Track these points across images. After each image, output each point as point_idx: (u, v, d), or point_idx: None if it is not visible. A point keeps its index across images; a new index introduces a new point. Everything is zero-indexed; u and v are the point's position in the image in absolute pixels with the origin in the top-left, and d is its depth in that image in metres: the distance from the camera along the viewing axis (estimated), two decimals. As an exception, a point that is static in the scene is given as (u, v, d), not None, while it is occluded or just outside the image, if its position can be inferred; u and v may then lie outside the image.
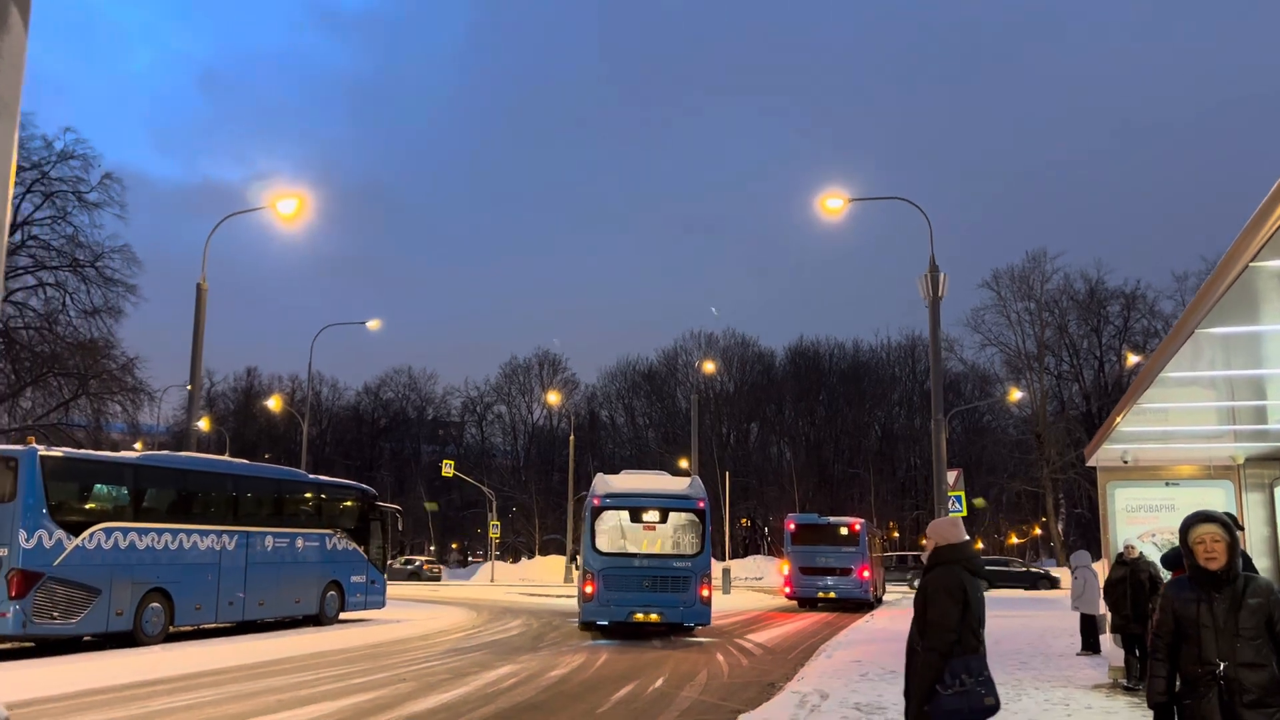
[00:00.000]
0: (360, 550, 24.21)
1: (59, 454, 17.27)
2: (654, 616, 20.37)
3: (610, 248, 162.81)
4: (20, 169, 30.15)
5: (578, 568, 26.24)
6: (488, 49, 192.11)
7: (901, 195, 25.32)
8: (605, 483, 21.67)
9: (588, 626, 21.27)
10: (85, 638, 17.49)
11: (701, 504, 21.10)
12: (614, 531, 21.06)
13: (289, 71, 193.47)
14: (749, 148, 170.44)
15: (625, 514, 21.07)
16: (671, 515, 21.20)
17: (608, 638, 20.41)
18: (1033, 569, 50.95)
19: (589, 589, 20.38)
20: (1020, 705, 10.93)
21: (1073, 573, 16.84)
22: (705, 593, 20.53)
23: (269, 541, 21.20)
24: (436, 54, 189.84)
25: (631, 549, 20.88)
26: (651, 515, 21.13)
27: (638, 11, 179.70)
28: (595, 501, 21.01)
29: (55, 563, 16.23)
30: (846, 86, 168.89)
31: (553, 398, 77.55)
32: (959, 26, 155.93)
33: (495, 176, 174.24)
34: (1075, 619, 17.21)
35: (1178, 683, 4.55)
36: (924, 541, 5.57)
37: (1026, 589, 45.30)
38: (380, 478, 76.60)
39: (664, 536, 21.26)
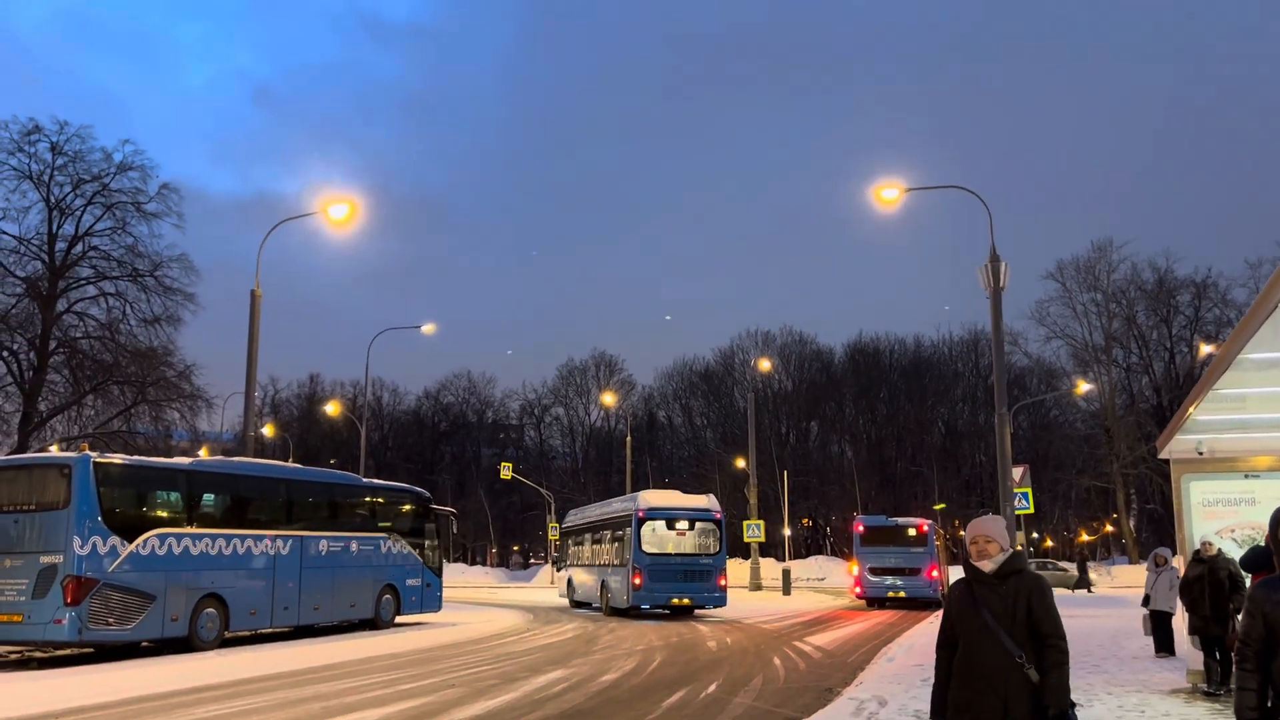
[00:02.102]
0: (415, 553, 24.12)
1: (112, 460, 17.32)
2: (686, 600, 26.44)
3: (664, 247, 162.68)
4: (81, 181, 30.59)
5: (557, 569, 36.06)
6: (534, 55, 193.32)
7: (960, 184, 24.65)
8: (645, 500, 27.18)
9: (622, 612, 26.72)
10: (143, 643, 17.58)
11: (719, 515, 27.29)
12: (655, 537, 26.32)
13: (340, 84, 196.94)
14: (802, 142, 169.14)
15: (662, 523, 26.50)
16: (697, 524, 26.93)
17: (655, 622, 25.02)
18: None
19: (637, 580, 25.69)
20: (1093, 712, 10.35)
21: (1156, 569, 15.96)
22: (723, 582, 26.90)
23: (323, 546, 21.16)
24: (484, 62, 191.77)
25: (669, 550, 26.38)
26: (683, 524, 26.78)
27: (682, 11, 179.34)
28: (640, 514, 26.29)
29: (110, 569, 16.27)
30: (901, 74, 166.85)
31: (609, 399, 77.39)
32: (1014, 9, 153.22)
33: (546, 180, 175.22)
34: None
35: (1270, 696, 4.05)
36: (987, 544, 4.72)
37: None
38: (441, 481, 77.08)
39: (692, 540, 26.86)
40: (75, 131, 30.24)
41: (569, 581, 32.75)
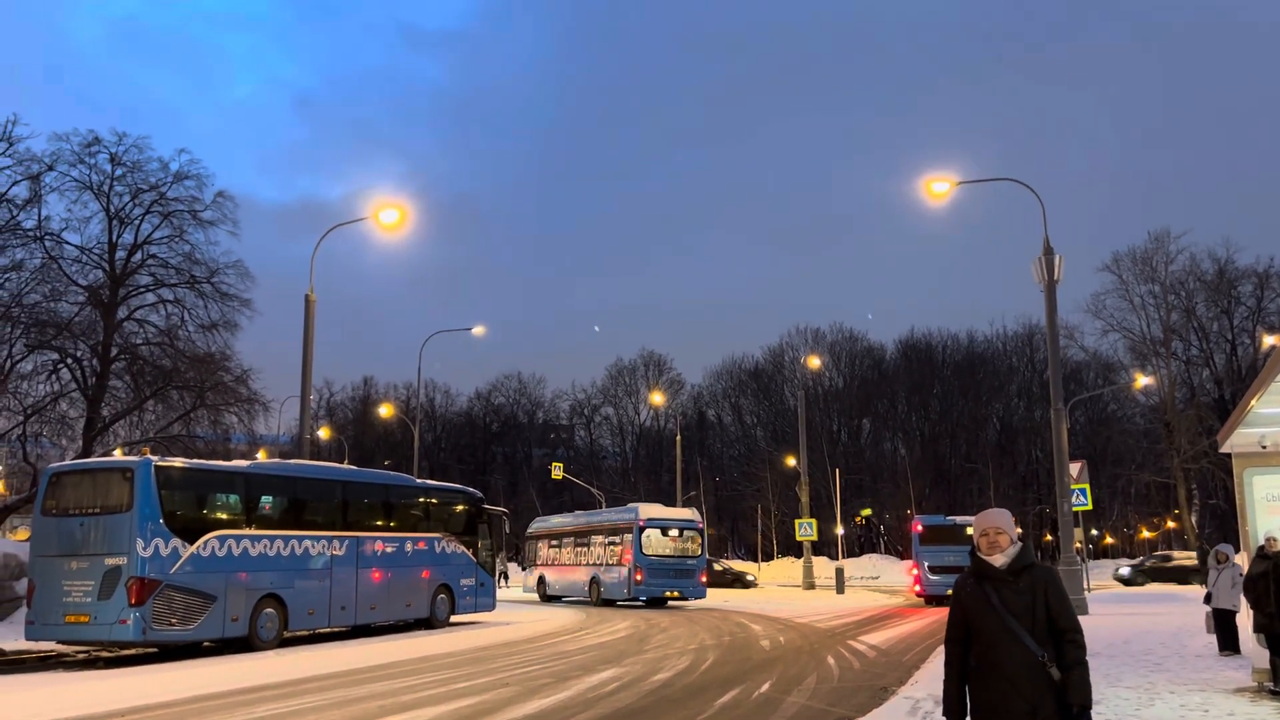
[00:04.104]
0: (469, 553, 24.33)
1: (173, 464, 17.70)
2: (675, 593, 32.50)
3: (711, 246, 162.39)
4: (139, 191, 31.18)
5: (522, 568, 41.42)
6: (573, 57, 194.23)
7: (1012, 176, 24.32)
8: (645, 512, 33.21)
9: (610, 602, 32.86)
10: (204, 643, 17.93)
11: (700, 525, 34.30)
12: (652, 542, 32.31)
13: (380, 91, 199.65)
14: (850, 137, 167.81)
15: (658, 531, 32.65)
16: (685, 532, 33.29)
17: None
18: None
19: (639, 577, 31.68)
20: (1154, 711, 10.17)
21: (1217, 566, 15.61)
22: (703, 579, 33.67)
23: (379, 546, 21.44)
24: (524, 65, 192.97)
25: (663, 553, 32.45)
26: (674, 532, 33.04)
27: (722, 10, 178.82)
28: (641, 523, 32.34)
29: (172, 570, 16.63)
30: (945, 66, 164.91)
31: (657, 398, 77.42)
32: None
33: (590, 181, 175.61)
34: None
35: None
36: (998, 535, 4.61)
37: None
38: (493, 482, 77.63)
39: (681, 545, 33.06)
40: (133, 142, 30.81)
41: (540, 579, 37.60)
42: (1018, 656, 4.41)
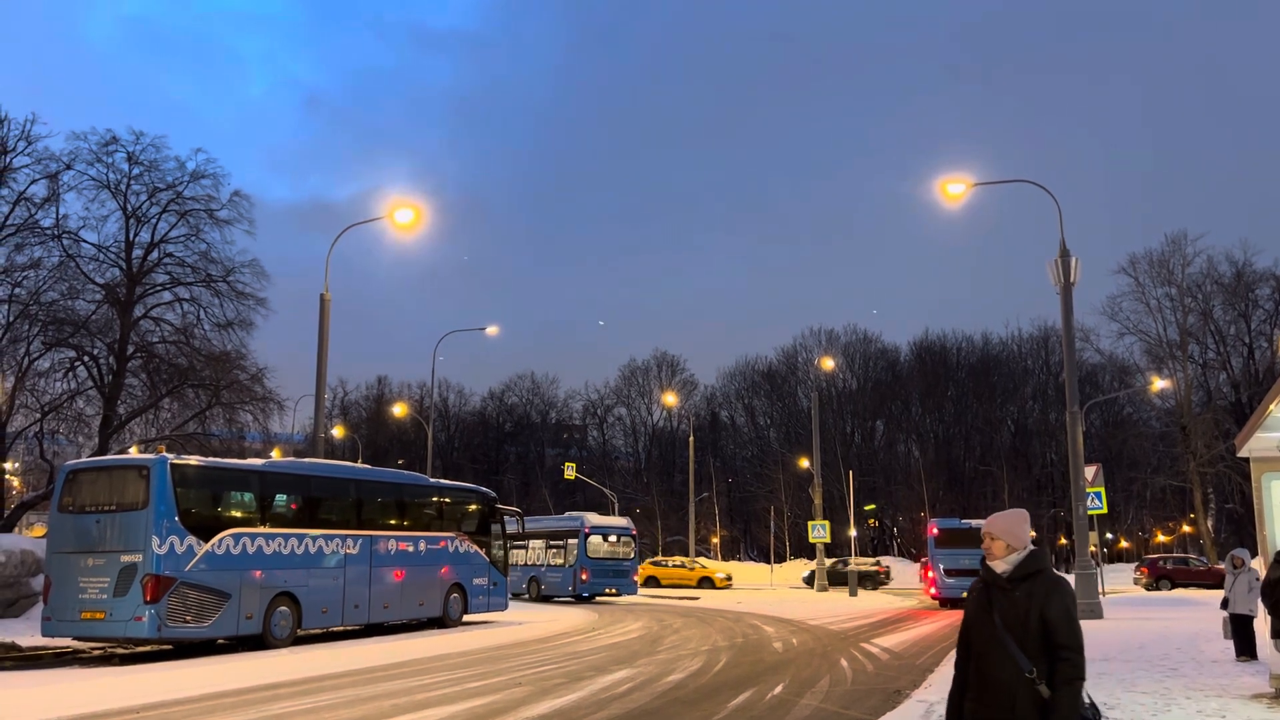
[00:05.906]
0: (482, 553, 24.37)
1: (188, 462, 17.76)
2: (613, 590, 37.01)
3: (724, 246, 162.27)
4: (156, 190, 31.30)
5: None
6: (584, 57, 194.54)
7: (1027, 178, 24.21)
8: (589, 519, 37.71)
9: (547, 598, 36.16)
10: (219, 641, 18.00)
11: (634, 532, 39.52)
12: (595, 546, 36.63)
13: (392, 91, 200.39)
14: (865, 138, 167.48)
15: (600, 537, 36.90)
16: (621, 537, 38.02)
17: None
18: (1216, 567, 47.18)
19: (584, 576, 35.85)
20: (1169, 716, 10.10)
21: (1234, 571, 15.50)
22: (635, 578, 38.85)
23: (392, 545, 21.48)
24: (534, 65, 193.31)
25: (602, 555, 36.85)
26: (613, 538, 37.51)
27: (736, 9, 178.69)
28: (586, 530, 36.41)
29: (187, 568, 16.69)
30: (959, 66, 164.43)
31: (670, 399, 77.38)
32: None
33: (601, 182, 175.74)
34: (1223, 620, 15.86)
35: None
36: (992, 542, 4.41)
37: (1210, 588, 42.11)
38: (506, 482, 77.74)
39: (617, 549, 37.71)
40: (150, 141, 30.87)
41: None
42: (1006, 670, 4.20)
